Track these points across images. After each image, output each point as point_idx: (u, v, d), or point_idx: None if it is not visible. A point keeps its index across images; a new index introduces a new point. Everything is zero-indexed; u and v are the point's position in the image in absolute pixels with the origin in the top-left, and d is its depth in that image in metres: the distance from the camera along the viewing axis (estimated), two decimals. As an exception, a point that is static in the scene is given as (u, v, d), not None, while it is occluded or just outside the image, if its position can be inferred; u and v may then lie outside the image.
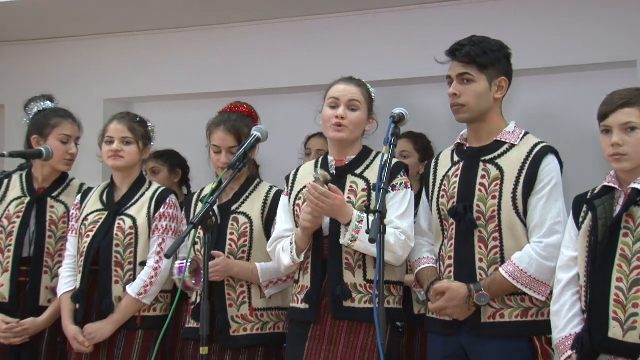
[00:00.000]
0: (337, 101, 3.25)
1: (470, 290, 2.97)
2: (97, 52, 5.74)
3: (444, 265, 3.11)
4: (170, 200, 3.68)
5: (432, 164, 3.30)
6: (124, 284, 3.56)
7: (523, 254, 2.96)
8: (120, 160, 3.66)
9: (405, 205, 3.17)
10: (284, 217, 3.36)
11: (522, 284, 2.95)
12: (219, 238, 3.47)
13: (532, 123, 3.79)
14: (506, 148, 3.08)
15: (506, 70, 3.12)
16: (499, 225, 2.99)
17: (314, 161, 3.45)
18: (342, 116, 3.22)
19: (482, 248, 3.01)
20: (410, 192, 3.22)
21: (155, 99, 5.68)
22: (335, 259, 3.15)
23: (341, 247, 3.14)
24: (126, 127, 3.68)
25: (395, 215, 3.13)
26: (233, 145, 3.49)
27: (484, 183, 3.05)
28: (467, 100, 3.07)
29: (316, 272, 3.19)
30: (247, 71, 5.35)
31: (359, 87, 3.28)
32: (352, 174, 3.25)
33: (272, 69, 5.29)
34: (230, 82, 5.38)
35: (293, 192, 3.36)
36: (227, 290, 3.45)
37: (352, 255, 3.15)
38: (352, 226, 3.06)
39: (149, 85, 5.62)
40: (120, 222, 3.62)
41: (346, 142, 3.27)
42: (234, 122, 3.54)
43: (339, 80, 3.32)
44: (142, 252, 3.59)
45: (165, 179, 4.61)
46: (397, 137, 2.94)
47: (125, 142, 3.67)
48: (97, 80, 5.71)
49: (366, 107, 3.28)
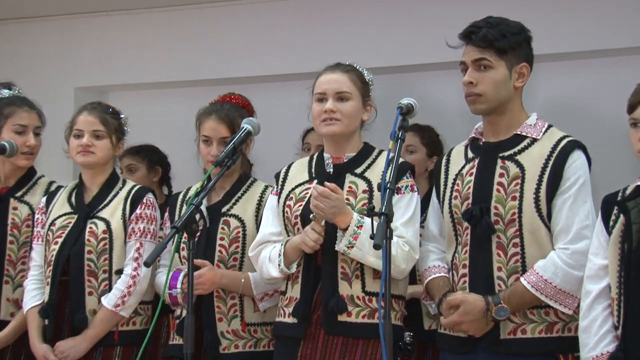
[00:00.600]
0: (323, 95, 3.25)
1: (487, 303, 2.96)
2: (67, 34, 5.73)
3: (457, 274, 3.10)
4: (148, 200, 3.67)
5: (443, 160, 3.29)
6: (98, 295, 3.56)
7: (547, 262, 2.95)
8: (91, 156, 3.65)
9: (410, 211, 3.17)
10: (270, 219, 3.36)
11: (547, 295, 2.94)
12: (207, 243, 3.47)
13: (555, 115, 3.78)
14: (527, 143, 3.08)
15: (527, 56, 3.12)
16: (520, 230, 2.99)
17: (307, 158, 3.45)
18: (331, 110, 3.22)
19: (500, 255, 3.01)
20: (417, 196, 3.22)
21: (134, 88, 5.67)
22: (329, 267, 3.15)
23: (337, 253, 3.13)
24: (97, 118, 3.67)
25: (399, 221, 3.12)
26: (225, 136, 3.50)
27: (502, 182, 3.04)
28: (484, 89, 3.06)
29: (307, 281, 3.18)
30: (238, 56, 5.34)
31: (346, 74, 3.27)
32: (351, 173, 3.25)
33: (266, 54, 5.29)
34: (219, 68, 5.38)
35: (283, 191, 3.35)
36: (217, 303, 3.45)
37: (349, 263, 3.14)
38: (350, 231, 3.05)
39: (127, 72, 5.61)
40: (92, 226, 3.61)
41: (342, 137, 3.26)
42: (227, 111, 3.56)
43: (324, 70, 3.32)
44: (118, 258, 3.59)
45: (143, 178, 4.61)
46: (405, 131, 2.94)
47: (96, 136, 3.66)
48: (67, 66, 5.70)
49: (359, 95, 3.27)
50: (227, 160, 3.14)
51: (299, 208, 3.24)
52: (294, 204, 3.27)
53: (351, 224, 3.05)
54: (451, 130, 4.39)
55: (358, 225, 3.05)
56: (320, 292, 3.17)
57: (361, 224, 3.04)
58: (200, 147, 3.59)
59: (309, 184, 3.30)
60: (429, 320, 3.83)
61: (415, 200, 3.19)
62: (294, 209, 3.25)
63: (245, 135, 3.25)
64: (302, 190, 3.29)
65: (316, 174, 3.32)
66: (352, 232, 3.05)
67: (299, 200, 3.27)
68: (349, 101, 3.24)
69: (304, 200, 3.24)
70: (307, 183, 3.31)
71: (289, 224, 3.27)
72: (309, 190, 3.25)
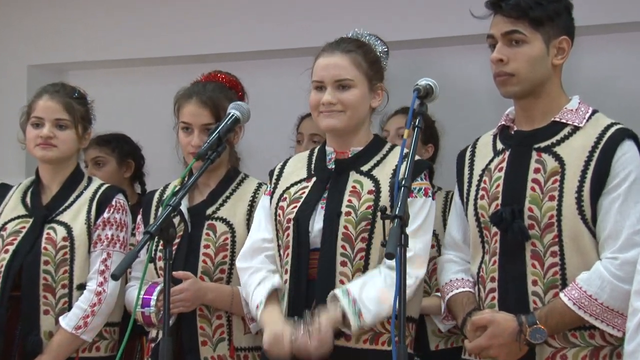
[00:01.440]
0: (321, 83, 3.26)
1: (520, 324, 2.95)
2: (19, 3, 5.70)
3: (484, 289, 3.10)
4: (118, 202, 3.68)
5: (467, 153, 3.30)
6: (56, 314, 3.56)
7: (592, 274, 2.94)
8: (53, 150, 3.66)
9: (420, 218, 3.17)
10: (262, 223, 3.38)
11: (591, 314, 2.93)
12: (189, 252, 3.48)
13: (602, 98, 3.80)
14: (568, 132, 3.08)
15: (567, 27, 3.12)
16: (559, 236, 2.99)
17: (306, 153, 3.45)
18: (329, 102, 3.22)
19: (536, 266, 3.00)
20: (431, 202, 3.22)
21: (98, 65, 5.68)
22: (326, 282, 3.14)
23: (334, 264, 3.13)
24: (61, 104, 3.67)
25: (407, 230, 3.08)
26: (209, 122, 3.53)
27: (538, 179, 3.04)
28: (518, 67, 3.05)
29: (298, 296, 3.19)
30: (224, 28, 5.34)
31: (347, 55, 3.25)
32: (356, 170, 3.25)
33: (257, 26, 5.28)
34: (200, 43, 5.37)
35: (277, 190, 3.36)
36: (200, 323, 3.47)
37: (348, 277, 3.14)
38: (350, 313, 3.02)
39: (90, 47, 5.61)
40: (50, 231, 3.61)
41: (344, 130, 3.26)
42: (211, 93, 3.57)
43: (322, 50, 3.31)
44: (80, 271, 3.59)
45: (112, 173, 4.62)
46: (422, 117, 2.93)
47: (59, 126, 3.65)
48: (19, 40, 5.70)
49: (364, 79, 3.26)
50: (210, 153, 3.13)
51: (293, 210, 3.24)
52: (288, 205, 3.27)
53: (343, 308, 3.03)
54: (478, 117, 4.42)
55: (347, 298, 3.04)
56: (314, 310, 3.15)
57: (344, 305, 3.02)
58: (180, 137, 3.60)
59: (307, 182, 3.31)
60: (436, 339, 3.87)
61: (428, 206, 3.20)
62: (286, 211, 3.26)
63: (232, 122, 3.24)
64: (299, 190, 3.30)
65: (316, 171, 3.32)
66: (353, 312, 3.02)
67: (294, 201, 3.27)
68: (351, 89, 3.23)
69: (300, 201, 3.24)
70: (304, 181, 3.32)
71: (280, 228, 3.28)
72: (305, 190, 3.25)
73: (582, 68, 4.41)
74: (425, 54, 5.02)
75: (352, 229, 3.15)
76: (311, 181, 3.29)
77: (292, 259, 3.21)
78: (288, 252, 3.23)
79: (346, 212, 3.16)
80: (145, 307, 3.35)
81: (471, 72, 4.73)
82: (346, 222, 3.15)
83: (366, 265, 3.15)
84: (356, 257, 3.15)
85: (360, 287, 3.05)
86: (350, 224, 3.15)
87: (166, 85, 3.82)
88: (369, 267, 3.14)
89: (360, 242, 3.15)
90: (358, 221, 3.15)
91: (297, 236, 3.21)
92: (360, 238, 3.15)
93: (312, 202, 3.23)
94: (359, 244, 3.15)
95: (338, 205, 3.18)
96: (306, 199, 3.24)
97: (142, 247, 2.85)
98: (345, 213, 3.16)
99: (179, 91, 3.65)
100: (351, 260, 3.15)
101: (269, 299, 3.19)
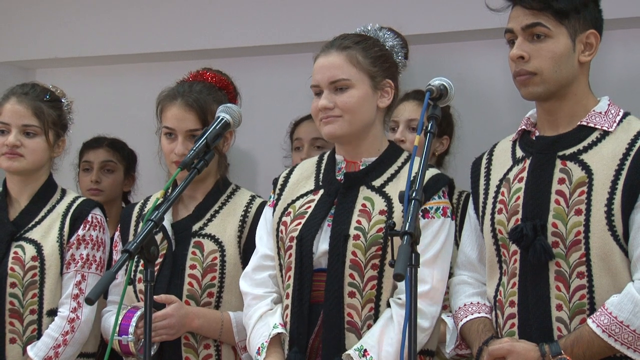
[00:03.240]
0: (318, 87, 3.26)
1: (544, 354, 2.95)
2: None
3: (503, 315, 3.10)
4: (94, 218, 3.69)
5: (483, 161, 3.30)
6: (23, 343, 3.58)
7: (623, 297, 2.93)
8: (20, 160, 3.67)
9: (439, 243, 3.16)
10: (265, 239, 3.38)
11: (623, 342, 2.92)
12: (173, 273, 3.49)
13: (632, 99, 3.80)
14: (596, 137, 3.08)
15: (595, 20, 3.13)
16: (587, 255, 2.99)
17: (314, 159, 3.45)
18: (325, 107, 3.22)
19: (561, 289, 3.00)
20: (450, 222, 3.22)
21: (70, 63, 5.68)
22: (333, 314, 3.15)
23: (342, 294, 3.13)
24: (29, 109, 3.69)
25: (421, 259, 3.01)
26: (194, 128, 3.54)
27: (562, 191, 3.04)
28: (541, 65, 3.06)
29: (300, 321, 3.19)
30: (214, 22, 5.33)
31: (343, 53, 3.25)
32: (367, 185, 3.24)
33: (251, 19, 5.27)
34: (188, 37, 5.37)
35: (280, 202, 3.36)
36: (185, 353, 3.49)
37: (357, 309, 3.14)
38: None
39: (61, 42, 5.61)
40: (18, 250, 3.63)
41: (348, 137, 3.26)
42: (197, 95, 3.58)
43: (320, 50, 3.31)
44: (51, 295, 3.61)
45: (118, 184, 4.69)
46: (436, 122, 2.92)
47: (27, 133, 3.66)
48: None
49: (365, 77, 3.25)
50: (197, 162, 3.13)
51: (297, 227, 3.24)
52: (291, 221, 3.27)
53: None
54: (496, 120, 4.41)
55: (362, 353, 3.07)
56: (317, 336, 3.18)
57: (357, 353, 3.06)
58: (162, 143, 3.62)
59: (314, 195, 3.31)
60: None
61: (447, 228, 3.19)
62: (290, 227, 3.25)
63: (221, 127, 3.24)
64: (304, 204, 3.30)
65: (324, 183, 3.32)
66: None
67: (299, 216, 3.27)
68: (348, 90, 3.23)
69: (305, 217, 3.24)
70: (311, 194, 3.32)
71: (282, 246, 3.28)
72: (312, 204, 3.26)
73: (611, 65, 4.43)
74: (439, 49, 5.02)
75: (360, 255, 3.14)
76: (318, 194, 3.29)
77: (294, 283, 3.21)
78: (290, 275, 3.23)
79: (355, 235, 3.16)
80: (123, 334, 3.34)
81: (489, 70, 4.74)
82: (354, 247, 3.15)
83: (378, 296, 3.15)
84: (366, 286, 3.15)
85: (377, 344, 3.06)
86: (359, 249, 3.15)
87: (147, 84, 3.82)
88: (382, 299, 3.14)
89: (370, 269, 3.14)
90: (368, 246, 3.14)
91: (300, 258, 3.21)
92: (371, 265, 3.14)
93: (317, 219, 3.22)
94: (370, 271, 3.14)
95: (346, 227, 3.17)
96: (311, 215, 3.24)
97: (120, 267, 2.84)
98: (354, 237, 3.16)
99: (162, 92, 3.65)
100: (360, 290, 3.15)
101: (271, 344, 3.20)
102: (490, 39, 4.58)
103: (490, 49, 4.59)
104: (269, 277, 3.33)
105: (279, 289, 3.32)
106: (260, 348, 3.20)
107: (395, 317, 3.10)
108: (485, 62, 4.84)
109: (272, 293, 3.31)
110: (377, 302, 3.14)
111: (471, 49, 4.97)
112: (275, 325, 3.21)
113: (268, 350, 3.18)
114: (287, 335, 3.20)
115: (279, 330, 3.19)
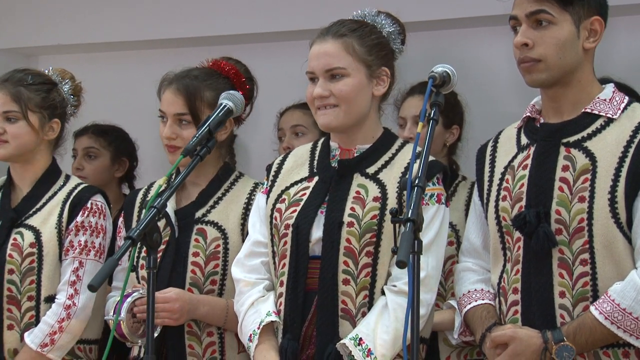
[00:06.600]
0: (313, 74, 3.27)
1: (546, 341, 2.96)
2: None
3: (506, 302, 3.11)
4: (94, 204, 3.68)
5: (487, 148, 3.30)
6: (21, 330, 3.58)
7: (626, 285, 2.94)
8: (5, 147, 3.67)
9: (434, 230, 3.17)
10: (257, 225, 3.39)
11: (625, 330, 2.93)
12: (176, 260, 3.49)
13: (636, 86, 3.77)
14: (601, 124, 3.09)
15: (600, 6, 3.12)
16: (590, 242, 2.99)
17: (308, 146, 3.45)
18: (320, 95, 3.22)
19: (564, 276, 3.00)
20: (445, 209, 3.22)
21: (74, 49, 5.68)
22: (327, 302, 3.15)
23: (337, 281, 3.14)
24: (8, 95, 3.68)
25: None
26: (182, 112, 3.54)
27: (566, 178, 3.04)
28: (545, 52, 3.05)
29: (295, 310, 3.19)
30: (215, 10, 5.34)
31: (339, 40, 3.25)
32: (361, 173, 3.25)
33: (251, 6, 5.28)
34: (190, 25, 5.37)
35: (274, 189, 3.36)
36: (188, 341, 3.48)
37: (352, 297, 3.15)
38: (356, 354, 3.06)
39: (65, 29, 5.61)
40: (17, 236, 3.63)
41: (343, 128, 3.26)
42: (190, 80, 3.57)
43: (316, 36, 3.31)
44: (49, 281, 3.61)
45: (103, 169, 4.67)
46: (438, 109, 2.93)
47: (9, 119, 3.66)
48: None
49: (360, 65, 3.25)
50: (200, 148, 3.12)
51: (292, 215, 3.24)
52: (286, 208, 3.27)
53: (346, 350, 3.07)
54: (500, 107, 4.41)
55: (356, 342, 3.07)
56: (310, 324, 3.19)
57: (352, 346, 3.06)
58: (160, 127, 3.61)
59: (308, 182, 3.31)
60: (447, 349, 3.88)
61: (441, 215, 3.20)
62: (284, 215, 3.26)
63: (224, 114, 3.23)
64: (299, 191, 3.30)
65: (318, 170, 3.32)
66: (361, 355, 3.06)
67: (293, 203, 3.27)
68: (343, 78, 3.23)
69: (300, 205, 3.24)
70: (306, 181, 3.32)
71: (276, 234, 3.28)
72: (307, 192, 3.26)
73: (616, 52, 4.42)
74: (442, 36, 5.02)
75: (355, 242, 3.15)
76: (313, 181, 3.29)
77: (289, 270, 3.22)
78: (284, 262, 3.24)
79: (348, 222, 3.16)
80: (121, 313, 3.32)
81: (494, 56, 4.73)
82: (348, 234, 3.16)
83: (373, 283, 3.15)
84: (361, 273, 3.15)
85: (372, 332, 3.06)
86: (353, 236, 3.15)
87: (149, 72, 3.80)
88: (376, 286, 3.15)
89: (365, 256, 3.15)
90: (362, 233, 3.15)
91: (295, 245, 3.21)
92: (365, 252, 3.15)
93: (313, 207, 3.23)
94: (364, 258, 3.15)
95: (340, 214, 3.18)
96: (307, 203, 3.25)
97: (123, 253, 2.83)
98: (348, 223, 3.16)
99: (165, 75, 3.66)
100: (355, 277, 3.15)
101: (263, 332, 3.20)
102: (495, 26, 4.57)
103: (494, 36, 4.60)
104: (262, 263, 3.34)
105: (271, 276, 3.32)
106: (252, 335, 3.21)
107: (390, 304, 3.11)
108: (489, 49, 4.84)
109: (264, 280, 3.32)
110: (372, 290, 3.15)
111: (475, 35, 4.98)
112: (269, 313, 3.22)
113: (260, 337, 3.19)
114: (280, 323, 3.21)
115: (272, 318, 3.20)
